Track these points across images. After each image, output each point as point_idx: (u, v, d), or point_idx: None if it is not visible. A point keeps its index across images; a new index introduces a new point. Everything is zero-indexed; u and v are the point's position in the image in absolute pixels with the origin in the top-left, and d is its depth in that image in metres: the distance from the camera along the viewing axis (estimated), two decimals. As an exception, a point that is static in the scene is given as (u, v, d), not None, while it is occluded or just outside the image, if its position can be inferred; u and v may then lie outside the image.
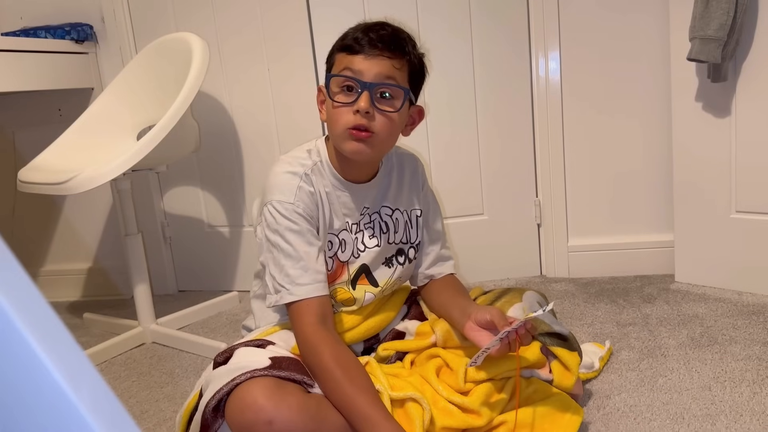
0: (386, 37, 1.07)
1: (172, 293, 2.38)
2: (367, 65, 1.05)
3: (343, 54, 1.08)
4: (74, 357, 0.29)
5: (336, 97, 1.08)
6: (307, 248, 1.08)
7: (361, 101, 1.05)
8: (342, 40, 1.10)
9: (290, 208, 1.08)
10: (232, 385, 0.97)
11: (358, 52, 1.06)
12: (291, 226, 1.08)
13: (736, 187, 1.80)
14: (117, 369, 1.70)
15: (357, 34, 1.08)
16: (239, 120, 2.21)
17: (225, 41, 2.15)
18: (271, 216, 1.09)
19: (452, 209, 2.13)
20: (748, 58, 1.72)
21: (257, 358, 1.02)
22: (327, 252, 1.16)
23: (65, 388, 0.28)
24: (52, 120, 2.27)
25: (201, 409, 1.00)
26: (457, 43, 2.05)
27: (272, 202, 1.10)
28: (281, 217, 1.08)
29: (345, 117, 1.07)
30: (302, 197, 1.10)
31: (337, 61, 1.10)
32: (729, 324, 1.61)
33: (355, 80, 1.05)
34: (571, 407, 1.12)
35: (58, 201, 2.42)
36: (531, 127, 2.09)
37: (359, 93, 1.05)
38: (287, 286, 1.07)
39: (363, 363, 1.08)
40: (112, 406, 0.29)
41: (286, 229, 1.08)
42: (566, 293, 1.97)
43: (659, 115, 1.97)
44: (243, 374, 0.97)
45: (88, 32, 2.19)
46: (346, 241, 1.18)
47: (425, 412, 1.03)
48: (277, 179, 1.12)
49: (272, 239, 1.09)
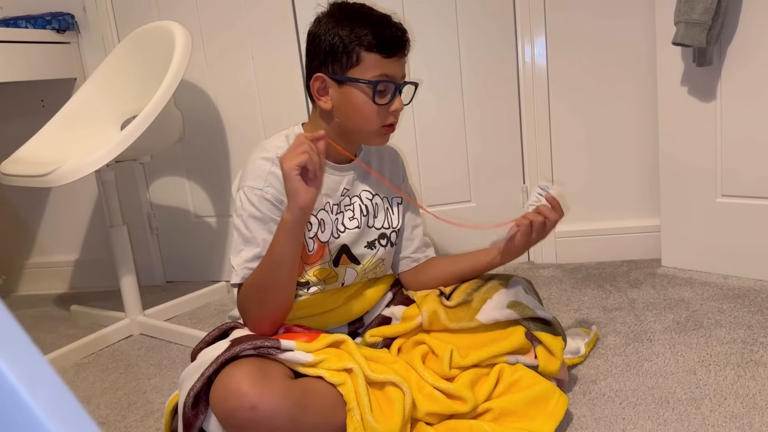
0: (403, 37, 1.13)
1: (160, 284, 2.37)
2: (398, 67, 1.13)
3: (376, 56, 1.10)
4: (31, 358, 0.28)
5: (376, 99, 1.11)
6: (267, 236, 1.10)
7: (397, 102, 1.14)
8: (368, 37, 1.09)
9: (259, 194, 1.11)
10: (204, 379, 0.99)
11: (391, 55, 1.11)
12: (254, 213, 1.11)
13: (721, 171, 1.80)
14: (104, 361, 1.69)
15: (384, 34, 1.10)
16: (224, 109, 2.19)
17: (208, 29, 2.12)
18: (240, 201, 1.13)
19: (440, 197, 2.13)
20: (733, 42, 1.71)
21: (220, 349, 1.03)
22: (306, 233, 1.17)
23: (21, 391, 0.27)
24: (35, 111, 2.24)
25: (180, 410, 1.01)
26: (442, 29, 2.04)
27: (243, 188, 1.13)
28: (248, 204, 1.11)
29: (382, 116, 1.13)
30: (272, 182, 1.12)
31: (367, 62, 1.10)
32: (714, 308, 1.62)
33: (393, 83, 1.13)
34: (555, 394, 1.12)
35: (43, 193, 2.39)
36: (518, 114, 2.09)
37: (393, 94, 1.13)
38: (237, 268, 1.10)
39: (341, 341, 1.11)
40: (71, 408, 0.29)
41: (249, 216, 1.11)
42: (553, 279, 1.97)
43: (645, 100, 1.97)
44: (210, 365, 1.00)
45: (70, 21, 2.16)
46: (324, 221, 1.20)
47: (406, 396, 1.03)
48: (251, 165, 1.15)
49: (236, 223, 1.13)
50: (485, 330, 1.20)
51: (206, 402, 1.00)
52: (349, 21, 1.11)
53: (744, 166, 1.76)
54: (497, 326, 1.20)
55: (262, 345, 1.02)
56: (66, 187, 1.65)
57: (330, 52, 1.11)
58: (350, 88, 1.12)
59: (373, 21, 1.11)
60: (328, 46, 1.11)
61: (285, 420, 0.96)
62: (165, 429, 1.11)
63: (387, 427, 0.99)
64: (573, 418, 1.17)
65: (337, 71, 1.12)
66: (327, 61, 1.12)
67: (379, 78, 1.10)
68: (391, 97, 1.13)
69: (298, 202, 1.00)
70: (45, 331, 2.00)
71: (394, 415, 1.01)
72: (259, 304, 1.10)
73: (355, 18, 1.11)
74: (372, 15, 1.13)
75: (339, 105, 1.14)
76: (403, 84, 1.16)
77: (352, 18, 1.11)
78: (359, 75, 1.11)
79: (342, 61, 1.11)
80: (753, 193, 1.77)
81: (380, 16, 1.13)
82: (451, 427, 1.07)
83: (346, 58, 1.11)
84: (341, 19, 1.11)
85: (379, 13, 1.14)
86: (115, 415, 1.38)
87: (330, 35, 1.11)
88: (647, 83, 1.95)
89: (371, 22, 1.11)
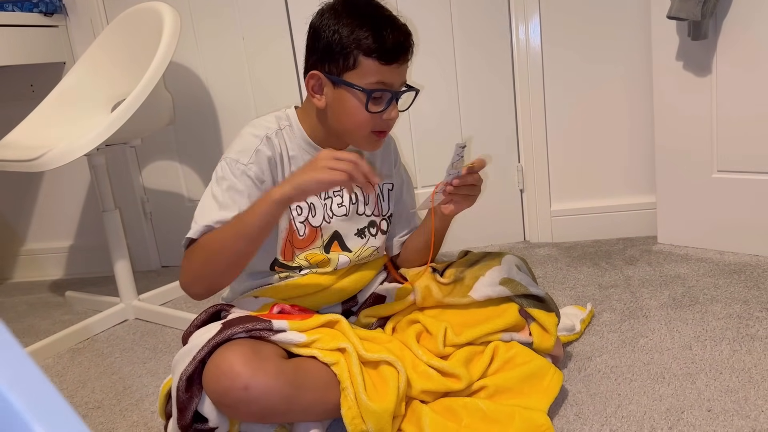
0: (405, 42, 1.09)
1: (155, 269, 2.37)
2: (397, 74, 1.09)
3: (374, 62, 1.06)
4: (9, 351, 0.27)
5: (369, 106, 1.08)
6: (236, 211, 1.06)
7: (393, 111, 1.10)
8: (368, 41, 1.04)
9: (242, 168, 1.09)
10: (196, 363, 0.98)
11: (389, 62, 1.07)
12: (234, 184, 1.08)
13: (717, 146, 1.79)
14: (100, 346, 1.69)
15: (385, 39, 1.05)
16: (215, 91, 2.17)
17: (197, 10, 2.10)
18: (221, 170, 1.10)
19: (434, 178, 2.10)
20: (729, 15, 1.69)
21: (211, 332, 1.02)
22: (297, 218, 1.17)
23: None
24: (25, 96, 2.22)
25: (174, 394, 1.00)
26: (435, 7, 2.01)
27: (227, 158, 1.11)
28: (230, 174, 1.09)
29: (375, 123, 1.10)
30: (258, 160, 1.10)
31: (365, 67, 1.06)
32: (710, 283, 1.62)
33: (389, 92, 1.09)
34: (550, 371, 1.12)
35: (36, 179, 2.38)
36: (512, 93, 2.07)
37: (389, 101, 1.09)
38: (200, 225, 1.05)
39: (335, 320, 1.10)
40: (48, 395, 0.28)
41: (228, 187, 1.08)
42: (549, 258, 1.97)
43: (640, 76, 1.95)
44: (201, 348, 0.99)
45: (57, 4, 2.13)
46: (315, 205, 1.19)
47: (400, 375, 1.03)
48: (240, 139, 1.14)
49: (213, 190, 1.09)
50: (479, 307, 1.19)
51: (199, 385, 0.99)
52: (350, 19, 1.06)
53: (740, 141, 1.75)
54: (491, 303, 1.19)
55: (254, 328, 1.01)
56: (58, 172, 1.63)
57: (328, 51, 1.07)
58: (344, 91, 1.08)
59: (376, 23, 1.06)
60: (326, 44, 1.07)
61: (278, 399, 0.96)
62: (160, 413, 1.11)
63: (381, 405, 0.99)
64: (568, 394, 1.16)
65: (333, 71, 1.08)
66: (324, 59, 1.08)
67: (375, 86, 1.07)
68: (386, 105, 1.09)
69: (304, 190, 0.97)
70: (40, 317, 2.00)
71: (389, 393, 1.01)
72: (203, 264, 1.05)
73: (357, 17, 1.06)
74: (376, 15, 1.08)
75: (332, 106, 1.11)
76: (401, 92, 1.12)
77: (354, 16, 1.06)
78: (355, 80, 1.07)
79: (339, 63, 1.07)
80: (749, 168, 1.75)
81: (384, 18, 1.08)
82: (446, 404, 1.07)
83: (343, 60, 1.06)
84: (343, 16, 1.06)
85: (384, 12, 1.09)
86: (110, 399, 1.38)
87: (329, 32, 1.07)
88: (642, 59, 1.93)
89: (374, 23, 1.05)
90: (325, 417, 1.06)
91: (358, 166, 0.96)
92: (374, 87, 1.07)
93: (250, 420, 1.01)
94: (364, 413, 0.98)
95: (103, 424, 1.27)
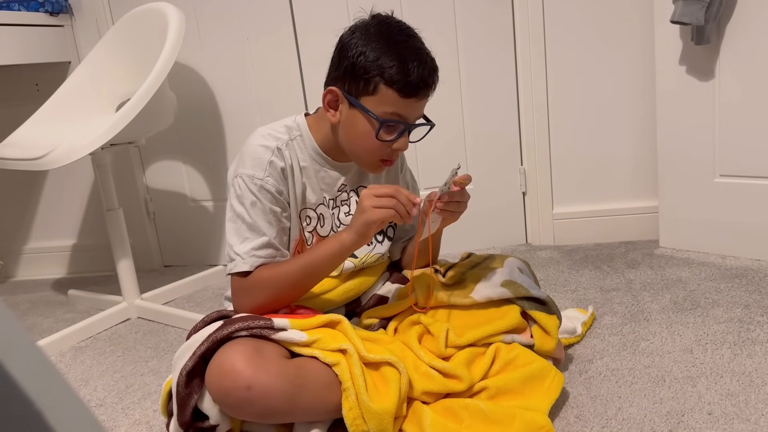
0: (429, 79, 1.07)
1: (158, 268, 2.37)
2: (414, 108, 1.09)
3: (394, 93, 1.05)
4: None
5: (380, 134, 1.08)
6: (267, 225, 1.10)
7: (402, 143, 1.10)
8: (391, 71, 1.03)
9: (259, 183, 1.10)
10: (195, 357, 0.99)
11: (409, 96, 1.06)
12: (255, 201, 1.10)
13: (719, 151, 1.79)
14: (102, 344, 1.69)
15: (409, 72, 1.04)
16: (219, 92, 2.18)
17: (202, 11, 2.11)
18: (239, 188, 1.11)
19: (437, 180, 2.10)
20: (732, 20, 1.70)
21: (212, 328, 1.04)
22: (306, 227, 1.18)
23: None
24: (30, 95, 2.23)
25: (174, 389, 1.01)
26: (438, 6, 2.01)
27: (243, 176, 1.11)
28: (248, 192, 1.10)
29: (382, 150, 1.11)
30: (272, 173, 1.11)
31: (383, 95, 1.05)
32: (712, 287, 1.62)
33: (403, 123, 1.09)
34: (551, 373, 1.12)
35: (40, 178, 2.39)
36: (515, 96, 2.07)
37: (401, 132, 1.09)
38: (244, 256, 1.09)
39: (336, 321, 1.11)
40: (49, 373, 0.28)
41: (251, 205, 1.10)
42: (551, 260, 1.97)
43: (643, 79, 1.95)
44: (201, 343, 1.00)
45: (63, 4, 2.14)
46: (324, 215, 1.20)
47: (402, 376, 1.03)
48: (250, 151, 1.13)
49: (237, 210, 1.11)
50: (480, 309, 1.20)
51: (199, 381, 1.00)
52: (379, 44, 1.05)
53: (742, 146, 1.75)
54: (492, 305, 1.20)
55: (255, 325, 1.02)
56: (63, 171, 1.64)
57: (350, 70, 1.07)
58: (359, 114, 1.08)
59: (403, 54, 1.04)
60: (350, 63, 1.06)
61: (280, 399, 0.96)
62: (162, 411, 1.11)
63: (382, 406, 0.99)
64: (569, 396, 1.17)
65: (351, 92, 1.08)
66: (346, 77, 1.08)
67: (390, 116, 1.06)
68: (397, 136, 1.09)
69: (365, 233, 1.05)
70: (43, 315, 2.00)
71: (390, 394, 1.01)
72: (272, 300, 1.10)
73: (386, 43, 1.05)
74: (405, 45, 1.06)
75: (344, 124, 1.11)
76: (414, 125, 1.11)
77: (383, 41, 1.05)
78: (371, 106, 1.06)
79: (359, 85, 1.06)
80: (751, 173, 1.76)
81: (413, 50, 1.06)
82: (447, 405, 1.07)
83: (363, 84, 1.06)
84: (373, 39, 1.05)
85: (414, 44, 1.08)
86: (112, 398, 1.38)
87: (356, 52, 1.06)
88: (645, 62, 1.93)
89: (401, 54, 1.04)
90: (326, 417, 1.06)
91: (399, 197, 1.02)
92: (388, 117, 1.06)
93: (252, 419, 1.02)
94: (366, 414, 0.99)
95: (106, 422, 1.28)
